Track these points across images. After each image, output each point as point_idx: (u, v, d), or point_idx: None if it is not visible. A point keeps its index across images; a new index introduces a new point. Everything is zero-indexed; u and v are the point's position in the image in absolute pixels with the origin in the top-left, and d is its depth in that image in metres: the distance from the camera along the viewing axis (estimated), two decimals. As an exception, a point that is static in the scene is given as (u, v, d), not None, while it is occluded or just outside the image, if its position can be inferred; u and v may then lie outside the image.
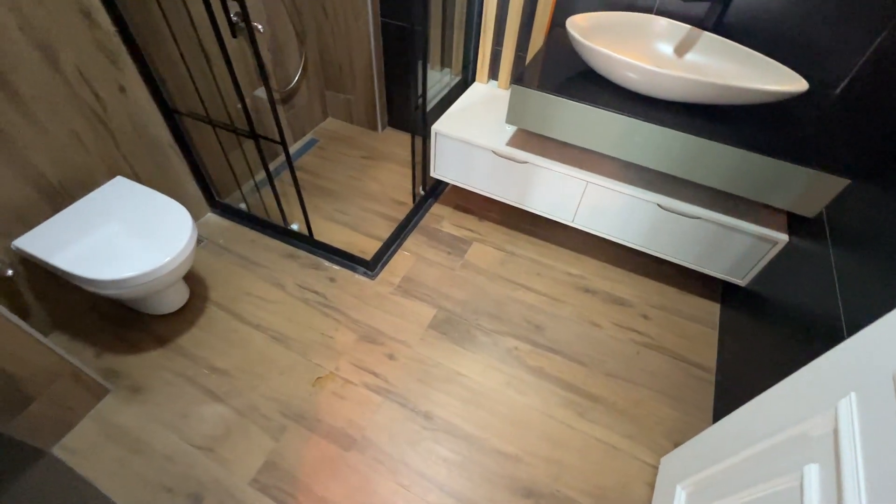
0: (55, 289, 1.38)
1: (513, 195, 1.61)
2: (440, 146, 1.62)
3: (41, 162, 1.22)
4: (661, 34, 1.33)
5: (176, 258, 1.20)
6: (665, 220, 1.40)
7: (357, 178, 2.01)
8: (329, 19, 1.93)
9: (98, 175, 1.38)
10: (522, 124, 1.38)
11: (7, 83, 1.09)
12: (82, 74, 1.24)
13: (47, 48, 1.15)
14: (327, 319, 1.50)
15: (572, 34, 1.22)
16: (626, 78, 1.21)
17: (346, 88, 2.18)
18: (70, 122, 1.26)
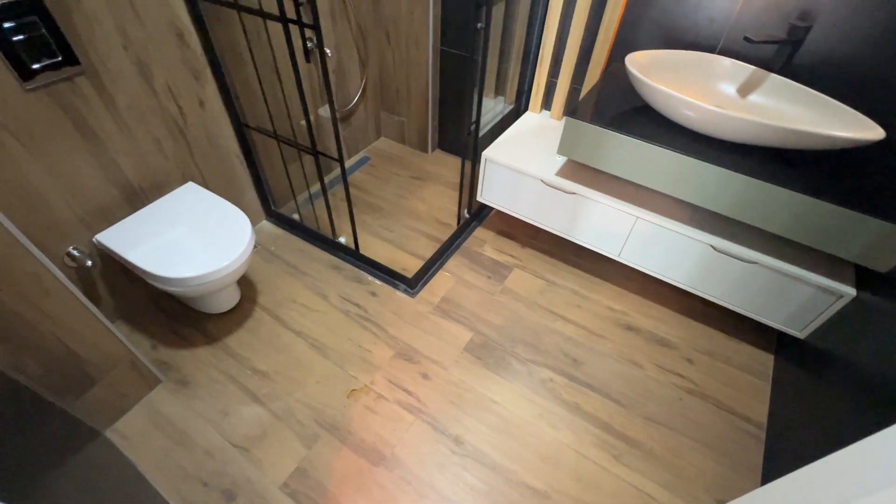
0: (123, 282, 1.50)
1: (558, 225, 1.61)
2: (489, 172, 1.65)
3: (126, 165, 1.35)
4: (724, 74, 1.31)
5: (233, 263, 1.28)
6: (718, 262, 1.35)
7: (404, 196, 2.07)
8: (391, 46, 2.03)
9: (172, 180, 1.49)
10: (574, 156, 1.38)
11: (108, 94, 1.22)
12: (170, 89, 1.36)
13: (144, 65, 1.28)
14: (366, 333, 1.53)
15: (631, 71, 1.22)
16: (685, 116, 1.19)
17: (401, 110, 2.26)
18: (154, 131, 1.38)
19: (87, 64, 1.15)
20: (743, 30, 1.30)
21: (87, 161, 1.24)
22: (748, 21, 1.28)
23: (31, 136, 1.11)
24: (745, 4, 1.27)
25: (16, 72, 1.03)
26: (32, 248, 0.94)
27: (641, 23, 1.44)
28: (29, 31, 1.03)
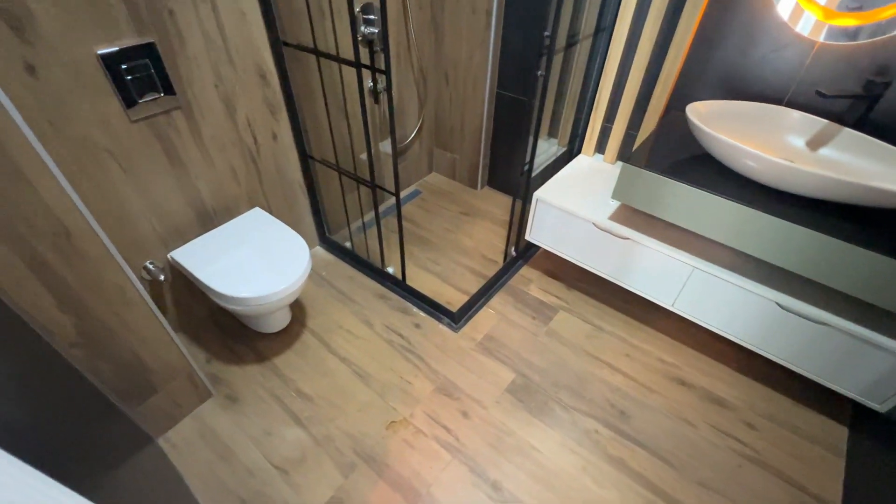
0: (187, 296, 1.60)
1: (609, 269, 1.58)
2: (539, 212, 1.66)
3: (204, 189, 1.47)
4: (792, 127, 1.28)
5: (290, 286, 1.34)
6: (784, 321, 1.27)
7: (452, 231, 2.11)
8: (449, 87, 2.13)
9: (241, 204, 1.61)
10: (629, 202, 1.37)
11: (196, 126, 1.35)
12: (249, 123, 1.49)
13: (230, 101, 1.41)
14: (408, 364, 1.54)
15: (692, 121, 1.22)
16: (748, 168, 1.16)
17: (454, 148, 2.34)
18: (231, 160, 1.50)
19: (184, 99, 1.29)
20: (813, 83, 1.27)
21: (171, 184, 1.37)
22: (819, 74, 1.25)
23: (130, 160, 1.24)
24: (815, 58, 1.24)
25: (124, 104, 1.17)
26: (121, 261, 1.03)
27: (702, 74, 1.44)
28: (140, 71, 1.17)
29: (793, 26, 1.24)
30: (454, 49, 1.99)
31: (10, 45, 0.95)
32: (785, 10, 1.24)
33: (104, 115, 1.14)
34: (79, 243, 0.93)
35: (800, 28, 1.23)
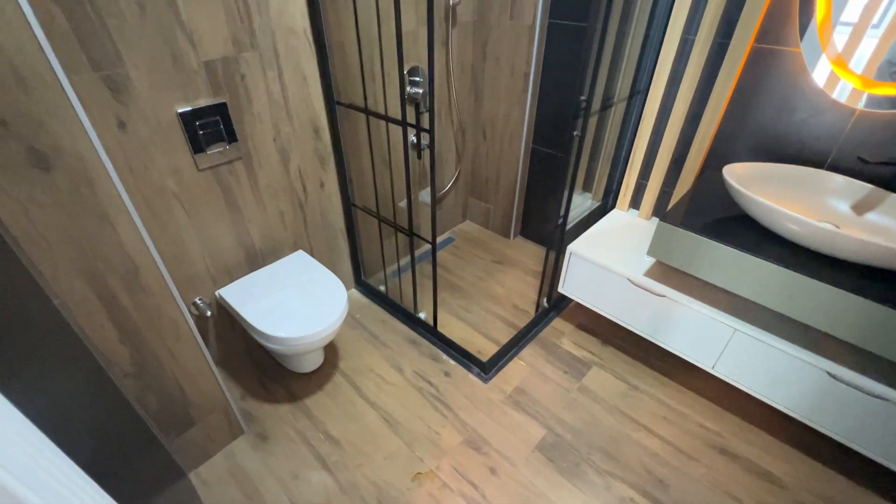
0: (228, 332, 1.67)
1: (644, 326, 1.55)
2: (573, 265, 1.67)
3: (254, 232, 1.57)
4: (835, 191, 1.26)
5: (327, 328, 1.38)
6: (837, 392, 1.20)
7: (484, 279, 2.13)
8: (486, 141, 2.23)
9: (286, 246, 1.70)
10: (666, 259, 1.37)
11: (254, 175, 1.47)
12: (300, 172, 1.61)
13: (285, 152, 1.53)
14: (436, 414, 1.52)
15: (730, 183, 1.23)
16: (791, 231, 1.15)
17: (488, 198, 2.41)
18: (281, 206, 1.61)
19: (245, 151, 1.42)
20: (855, 149, 1.27)
21: (226, 227, 1.47)
22: (860, 140, 1.25)
23: (194, 205, 1.35)
24: (855, 125, 1.25)
25: (194, 155, 1.30)
26: (178, 297, 1.11)
27: (739, 136, 1.46)
28: (211, 127, 1.31)
29: (829, 93, 1.26)
30: (492, 107, 2.10)
31: (108, 104, 1.09)
32: (820, 78, 1.26)
33: (177, 164, 1.27)
34: (145, 280, 1.02)
35: (837, 95, 1.25)
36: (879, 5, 1.13)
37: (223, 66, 1.27)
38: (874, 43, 1.16)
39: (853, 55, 1.20)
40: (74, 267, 0.89)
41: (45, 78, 0.74)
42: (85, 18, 1.00)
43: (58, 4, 0.96)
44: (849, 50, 1.20)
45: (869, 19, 1.15)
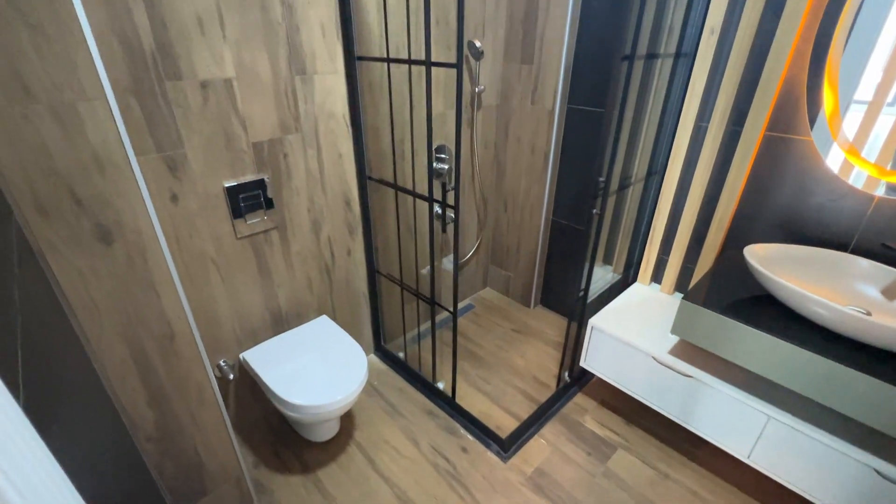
0: (248, 396, 1.67)
1: (672, 408, 1.49)
2: (595, 339, 1.64)
3: (282, 296, 1.62)
4: (862, 275, 1.25)
5: (344, 399, 1.38)
6: (887, 492, 1.10)
7: (504, 349, 2.11)
8: (507, 212, 2.31)
9: (311, 311, 1.74)
10: (691, 339, 1.34)
11: (287, 243, 1.56)
12: (330, 240, 1.69)
13: (317, 222, 1.62)
14: (452, 494, 1.45)
15: (753, 265, 1.23)
16: (819, 315, 1.13)
17: (509, 266, 2.45)
18: (309, 272, 1.68)
19: (281, 221, 1.51)
20: (878, 234, 1.27)
21: (256, 291, 1.53)
22: (883, 226, 1.26)
23: (229, 269, 1.43)
24: (876, 211, 1.26)
25: (234, 225, 1.39)
26: (206, 361, 1.14)
27: (758, 216, 1.48)
28: (252, 199, 1.41)
29: (845, 179, 1.29)
30: (513, 182, 2.20)
31: (165, 180, 1.21)
32: (834, 165, 1.30)
33: (218, 233, 1.36)
34: (179, 345, 1.06)
35: (853, 181, 1.28)
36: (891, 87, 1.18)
37: (269, 147, 1.40)
38: (885, 133, 1.21)
39: (865, 144, 1.24)
40: (117, 332, 0.95)
41: (119, 163, 0.84)
42: (156, 107, 1.14)
43: (135, 97, 1.10)
44: (860, 139, 1.25)
45: (880, 106, 1.20)
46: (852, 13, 1.18)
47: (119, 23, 1.03)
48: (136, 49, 1.07)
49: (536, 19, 1.83)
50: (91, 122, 0.79)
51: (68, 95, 0.75)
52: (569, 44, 1.78)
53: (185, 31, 1.13)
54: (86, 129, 0.78)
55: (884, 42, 1.16)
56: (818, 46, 1.24)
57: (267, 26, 1.27)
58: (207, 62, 1.19)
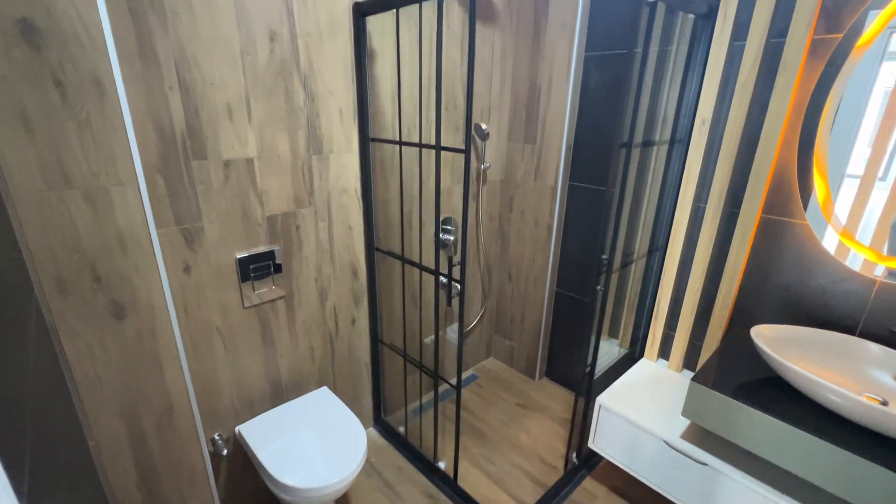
0: (239, 473, 1.59)
1: (688, 498, 1.40)
2: (603, 419, 1.59)
3: (283, 366, 1.60)
4: (874, 361, 1.23)
5: (341, 482, 1.30)
6: None
7: (509, 425, 2.03)
8: (512, 282, 2.33)
9: (311, 382, 1.71)
10: (702, 422, 1.30)
11: (293, 313, 1.56)
12: (335, 310, 1.70)
13: (324, 292, 1.64)
14: None
15: (762, 348, 1.22)
16: (833, 403, 1.10)
17: (513, 336, 2.42)
18: (312, 341, 1.66)
19: (288, 291, 1.53)
20: (885, 317, 1.27)
21: (258, 361, 1.52)
22: (888, 311, 1.26)
23: (233, 339, 1.43)
24: (879, 294, 1.27)
25: (242, 295, 1.41)
26: (202, 436, 1.11)
27: (762, 296, 1.49)
28: (262, 269, 1.44)
29: (843, 262, 1.31)
30: (517, 252, 2.24)
31: (180, 251, 1.25)
32: (831, 247, 1.33)
33: (226, 302, 1.38)
34: (176, 420, 1.04)
35: (851, 265, 1.30)
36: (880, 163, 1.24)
37: (282, 219, 1.45)
38: (876, 216, 1.24)
39: (858, 227, 1.28)
40: (116, 407, 0.93)
41: (141, 242, 0.88)
42: (180, 184, 1.20)
43: (162, 175, 1.17)
44: (853, 222, 1.29)
45: (871, 182, 1.25)
46: (835, 105, 1.26)
47: (156, 109, 1.12)
48: (168, 132, 1.15)
49: (538, 103, 1.97)
50: (121, 204, 0.83)
51: (103, 181, 0.81)
52: (569, 126, 1.90)
53: (215, 116, 1.22)
54: (115, 211, 0.83)
55: (868, 122, 1.22)
56: (804, 137, 1.32)
57: (290, 112, 1.37)
58: (232, 143, 1.28)
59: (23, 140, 0.71)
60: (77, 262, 0.81)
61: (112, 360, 0.89)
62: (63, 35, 0.76)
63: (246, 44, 1.23)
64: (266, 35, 1.27)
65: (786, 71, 1.28)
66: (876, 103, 1.20)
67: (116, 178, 0.81)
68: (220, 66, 1.20)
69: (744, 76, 1.36)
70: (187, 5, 1.11)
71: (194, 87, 1.16)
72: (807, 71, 1.28)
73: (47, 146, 0.73)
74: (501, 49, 1.96)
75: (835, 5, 1.21)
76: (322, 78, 1.41)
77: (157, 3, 1.07)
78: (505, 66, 2.00)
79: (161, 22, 1.08)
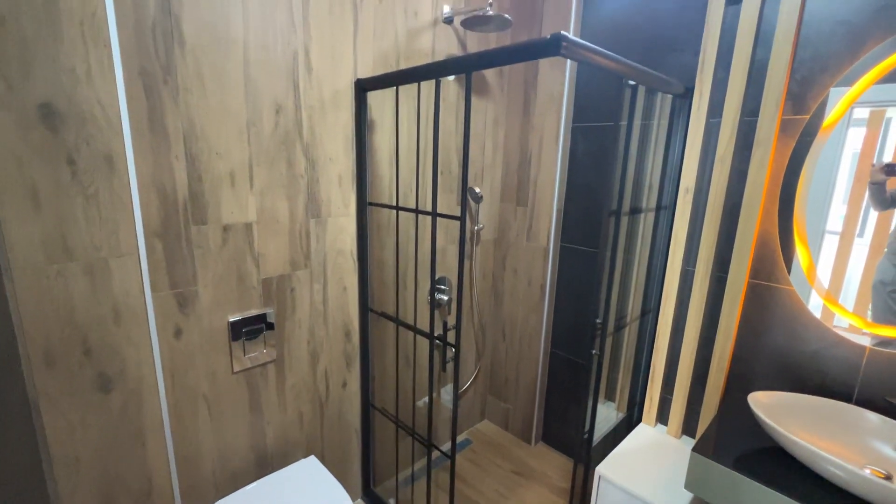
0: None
1: (696, 581, 1.31)
2: (603, 491, 1.52)
3: (270, 433, 1.53)
4: (874, 431, 1.22)
5: (329, 562, 1.22)
6: None
7: (504, 495, 1.93)
8: (506, 341, 2.31)
9: (298, 451, 1.63)
10: (706, 496, 1.25)
11: (283, 377, 1.52)
12: (326, 373, 1.66)
13: (315, 354, 1.61)
14: None
15: (761, 418, 1.21)
16: (838, 477, 1.07)
17: (508, 397, 2.36)
18: (301, 406, 1.61)
19: (279, 354, 1.50)
20: (879, 384, 1.27)
21: (244, 428, 1.45)
22: (881, 378, 1.27)
23: (220, 406, 1.37)
24: (870, 361, 1.28)
25: (232, 360, 1.38)
26: (179, 521, 1.04)
27: (756, 360, 1.49)
28: (254, 333, 1.42)
29: (830, 327, 1.33)
30: (511, 311, 2.24)
31: (172, 316, 1.23)
32: (816, 312, 1.35)
33: (214, 368, 1.34)
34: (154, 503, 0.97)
35: (839, 331, 1.32)
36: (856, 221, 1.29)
37: (278, 282, 1.45)
38: (856, 282, 1.28)
39: (840, 292, 1.31)
40: (91, 489, 0.88)
41: (137, 313, 0.87)
42: (178, 249, 1.21)
43: (161, 239, 1.17)
44: (835, 286, 1.32)
45: (850, 238, 1.29)
46: (810, 174, 1.33)
47: (161, 178, 1.15)
48: (171, 199, 1.18)
49: (529, 169, 2.06)
50: (119, 275, 0.83)
51: (104, 253, 0.81)
52: (559, 190, 1.98)
53: (218, 183, 1.26)
54: (112, 282, 0.83)
55: (841, 181, 1.27)
56: (783, 205, 1.39)
57: (291, 178, 1.42)
58: (232, 208, 1.30)
59: (30, 215, 0.72)
60: (68, 335, 0.80)
61: (92, 439, 0.85)
62: (82, 118, 0.80)
63: (253, 116, 1.30)
64: (272, 108, 1.33)
65: (760, 146, 1.37)
66: (846, 165, 1.27)
67: (118, 250, 0.82)
68: (226, 137, 1.25)
69: (721, 150, 1.45)
70: (199, 82, 1.18)
71: (199, 156, 1.21)
72: (780, 146, 1.37)
73: (53, 221, 0.74)
74: (494, 118, 2.07)
75: (800, 89, 1.32)
76: (323, 146, 1.47)
77: (172, 80, 1.13)
78: (497, 134, 2.11)
79: (173, 97, 1.14)
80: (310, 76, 1.39)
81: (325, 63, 1.42)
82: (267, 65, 1.29)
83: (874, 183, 1.23)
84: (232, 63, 1.22)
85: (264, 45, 1.28)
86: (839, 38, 1.25)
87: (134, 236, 0.82)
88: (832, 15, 1.25)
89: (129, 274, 0.84)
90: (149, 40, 1.07)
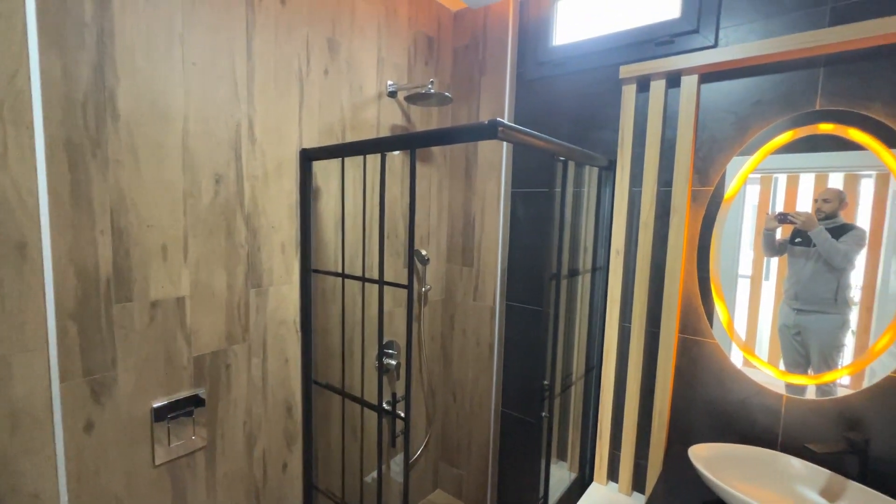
0: None
1: None
2: (562, 562, 1.47)
3: (196, 535, 1.35)
4: (798, 477, 1.31)
5: None
6: None
7: (461, 576, 1.80)
8: (456, 403, 2.26)
9: (229, 551, 1.44)
10: (661, 560, 1.25)
11: (213, 467, 1.37)
12: (264, 456, 1.52)
13: (252, 437, 1.48)
14: None
15: (702, 472, 1.25)
16: (776, 528, 1.12)
17: (460, 464, 2.28)
18: (235, 497, 1.44)
19: (210, 440, 1.36)
20: (798, 430, 1.38)
21: (165, 533, 1.27)
22: (799, 425, 1.37)
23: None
24: (788, 409, 1.39)
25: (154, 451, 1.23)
26: None
27: (693, 411, 1.57)
28: (181, 418, 1.29)
29: (751, 377, 1.45)
30: (461, 372, 2.22)
31: (84, 408, 1.08)
32: (738, 363, 1.47)
33: (132, 464, 1.19)
34: None
35: (758, 380, 1.43)
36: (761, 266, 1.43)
37: (211, 359, 1.35)
38: (767, 325, 1.42)
39: (755, 343, 1.44)
40: None
41: (37, 415, 0.76)
42: (96, 331, 1.10)
43: (75, 320, 1.06)
44: (751, 338, 1.45)
45: (758, 283, 1.44)
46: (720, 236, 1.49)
47: (81, 255, 1.06)
48: (92, 277, 1.08)
49: (474, 230, 2.13)
50: (21, 374, 0.74)
51: (4, 350, 0.72)
52: (502, 251, 2.05)
53: (147, 258, 1.18)
54: (13, 383, 0.73)
55: (746, 229, 1.44)
56: (701, 265, 1.53)
57: (230, 249, 1.36)
58: (163, 283, 1.22)
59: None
60: (-52, 451, 0.68)
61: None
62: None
63: (190, 187, 1.25)
64: (212, 178, 1.30)
65: (676, 213, 1.53)
66: (749, 216, 1.44)
67: (22, 345, 0.72)
68: (159, 209, 1.19)
69: (644, 216, 1.60)
70: (131, 154, 1.13)
71: (129, 229, 1.13)
72: (693, 213, 1.54)
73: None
74: (438, 183, 2.15)
75: (703, 165, 1.51)
76: (266, 215, 1.44)
77: (101, 152, 1.08)
78: (442, 198, 2.18)
79: (101, 170, 1.08)
80: (253, 146, 1.39)
81: (269, 134, 1.43)
82: (208, 136, 1.27)
83: (767, 230, 1.41)
84: (170, 135, 1.19)
85: (205, 117, 1.26)
86: (729, 125, 1.46)
87: (44, 327, 0.73)
88: (721, 106, 1.48)
89: (34, 370, 0.74)
90: (78, 114, 1.02)
